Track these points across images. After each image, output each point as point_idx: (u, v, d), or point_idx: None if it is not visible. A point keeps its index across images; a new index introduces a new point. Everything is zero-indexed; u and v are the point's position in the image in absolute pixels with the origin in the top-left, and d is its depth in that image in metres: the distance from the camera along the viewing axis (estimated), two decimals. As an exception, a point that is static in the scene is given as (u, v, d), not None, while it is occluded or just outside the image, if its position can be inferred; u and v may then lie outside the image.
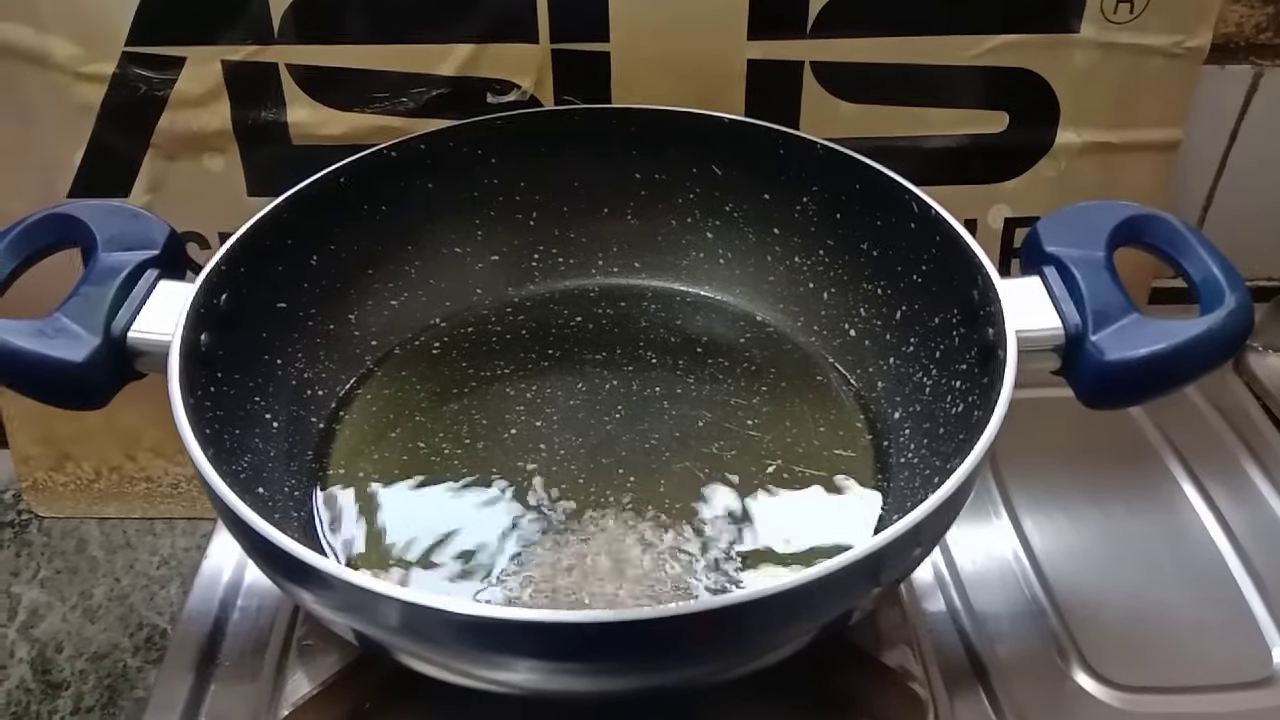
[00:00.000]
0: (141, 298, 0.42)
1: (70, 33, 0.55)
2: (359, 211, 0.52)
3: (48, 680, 0.62)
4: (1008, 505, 0.53)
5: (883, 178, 0.48)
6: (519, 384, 0.51)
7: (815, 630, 0.36)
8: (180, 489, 0.69)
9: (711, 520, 0.44)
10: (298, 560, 0.33)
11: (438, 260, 0.55)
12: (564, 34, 0.55)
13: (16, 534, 0.69)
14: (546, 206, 0.56)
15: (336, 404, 0.50)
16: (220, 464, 0.37)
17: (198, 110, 0.57)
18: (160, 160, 0.58)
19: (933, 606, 0.48)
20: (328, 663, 0.43)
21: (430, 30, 0.55)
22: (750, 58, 0.56)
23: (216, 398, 0.42)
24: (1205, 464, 0.55)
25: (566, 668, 0.34)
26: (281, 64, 0.56)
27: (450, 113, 0.56)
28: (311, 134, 0.58)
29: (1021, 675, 0.46)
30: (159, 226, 0.45)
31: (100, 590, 0.67)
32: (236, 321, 0.45)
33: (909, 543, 0.34)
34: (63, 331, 0.41)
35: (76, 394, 0.42)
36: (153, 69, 0.56)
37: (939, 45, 0.56)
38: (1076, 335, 0.40)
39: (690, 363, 0.52)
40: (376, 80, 0.56)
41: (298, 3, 0.54)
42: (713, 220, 0.55)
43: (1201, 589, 0.49)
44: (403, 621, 0.33)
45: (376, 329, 0.53)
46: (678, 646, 0.33)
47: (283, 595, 0.47)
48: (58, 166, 0.58)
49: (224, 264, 0.44)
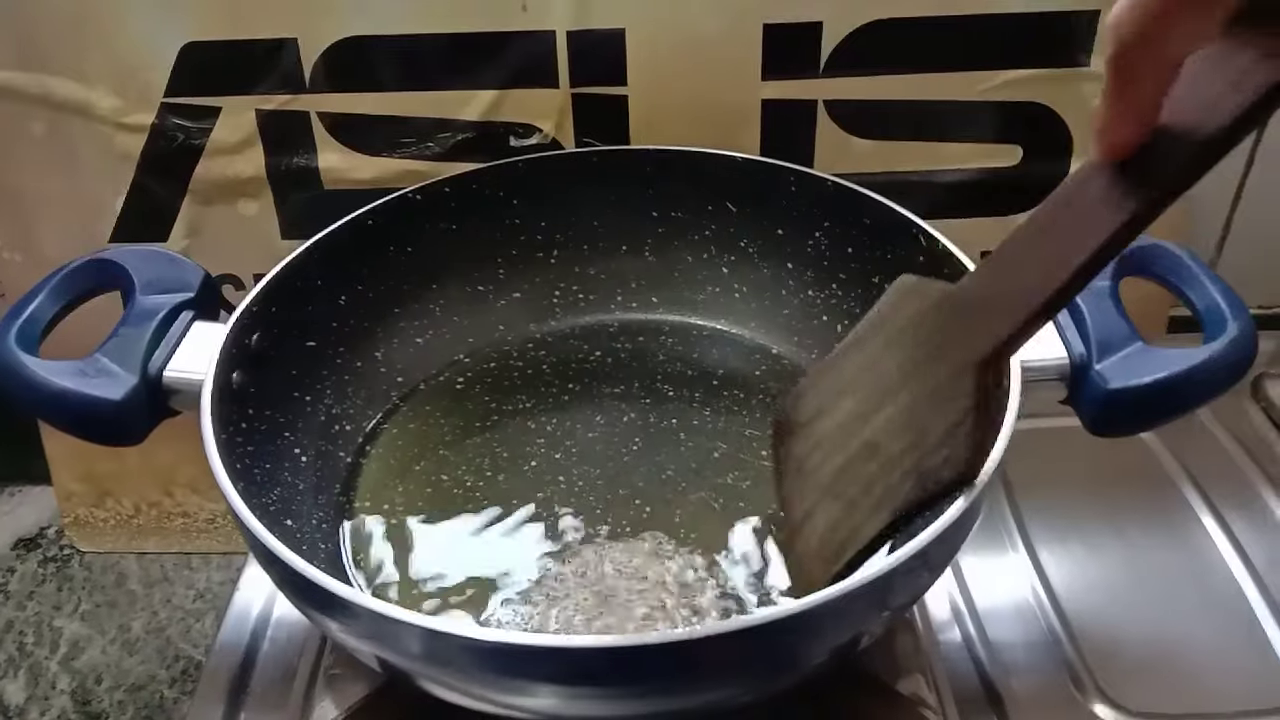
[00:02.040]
0: (177, 338, 0.44)
1: (112, 85, 0.57)
2: (386, 252, 0.53)
3: (87, 711, 0.63)
4: (1023, 534, 0.53)
5: (891, 213, 0.49)
6: (540, 417, 0.52)
7: (826, 654, 0.37)
8: (216, 524, 0.70)
9: (726, 549, 0.45)
10: (324, 590, 0.34)
11: (462, 298, 0.56)
12: (583, 79, 0.57)
13: (59, 568, 0.71)
14: (567, 245, 0.57)
15: (363, 439, 0.51)
16: (250, 497, 0.38)
17: (233, 158, 0.59)
18: (197, 206, 0.60)
19: (948, 636, 0.48)
20: (354, 690, 0.44)
21: (455, 78, 0.57)
22: (765, 98, 0.57)
23: (247, 434, 0.44)
24: (1222, 492, 0.55)
25: (584, 693, 0.35)
26: (313, 112, 0.58)
27: (474, 156, 0.58)
28: (342, 179, 0.59)
29: (1037, 704, 0.46)
30: (194, 270, 0.47)
31: (138, 623, 0.68)
32: (267, 360, 0.46)
33: (916, 567, 0.35)
34: (102, 371, 0.42)
35: (115, 431, 0.43)
36: (190, 119, 0.58)
37: (951, 81, 0.57)
38: (1081, 364, 0.41)
39: (706, 395, 0.53)
40: (403, 126, 0.58)
41: (328, 54, 0.56)
42: (728, 256, 0.56)
43: (1218, 617, 0.49)
44: (425, 649, 0.34)
45: (402, 366, 0.54)
46: (692, 671, 0.34)
47: (311, 626, 0.48)
48: (100, 212, 0.60)
49: (255, 305, 0.46)
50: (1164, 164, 0.26)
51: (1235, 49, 0.23)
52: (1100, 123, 0.25)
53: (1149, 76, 0.24)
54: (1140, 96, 0.25)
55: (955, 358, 0.32)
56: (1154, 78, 0.24)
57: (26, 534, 0.73)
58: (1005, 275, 0.31)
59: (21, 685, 0.64)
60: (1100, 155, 0.26)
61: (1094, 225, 0.27)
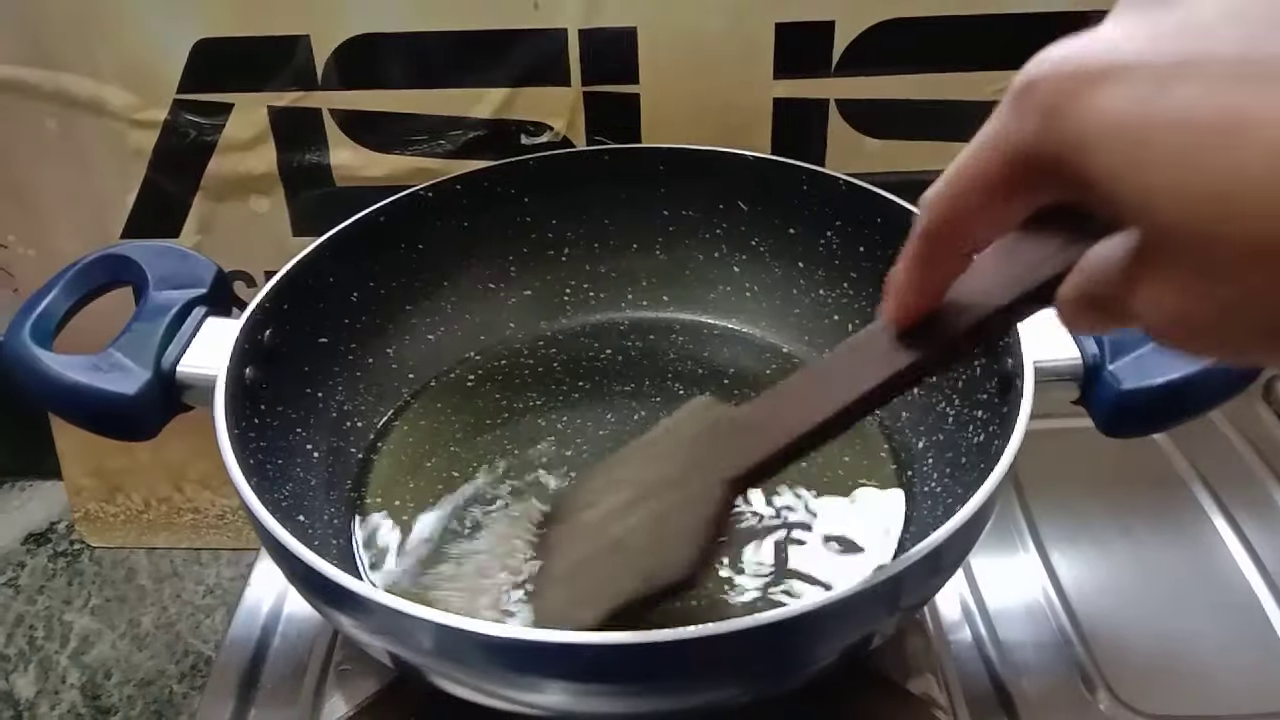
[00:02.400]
0: (190, 334, 0.44)
1: (125, 82, 0.57)
2: (397, 250, 0.53)
3: (97, 705, 0.64)
4: (1034, 535, 0.53)
5: (904, 212, 0.49)
6: (550, 415, 0.52)
7: (837, 653, 0.37)
8: (226, 520, 0.71)
9: (737, 548, 0.45)
10: (337, 585, 0.35)
11: (473, 296, 0.56)
12: (595, 77, 0.57)
13: (69, 563, 0.71)
14: (578, 243, 0.57)
15: (375, 435, 0.52)
16: (263, 492, 0.39)
17: (245, 154, 0.59)
18: (209, 202, 0.60)
19: (958, 636, 0.48)
20: (364, 686, 0.44)
21: (467, 75, 0.57)
22: (776, 96, 0.57)
23: (260, 429, 0.44)
24: (1233, 493, 0.55)
25: (594, 689, 0.35)
26: (325, 109, 0.58)
27: (486, 154, 0.58)
28: (353, 176, 0.60)
29: (1047, 704, 0.45)
30: (207, 266, 0.47)
31: (148, 618, 0.68)
32: (280, 356, 0.46)
33: (928, 567, 0.35)
34: (116, 366, 0.43)
35: (128, 426, 0.43)
36: (202, 115, 0.58)
37: (962, 81, 0.57)
38: (1094, 365, 0.41)
39: (717, 394, 0.52)
40: (415, 124, 0.58)
41: (340, 51, 0.56)
42: (739, 255, 0.56)
43: (1229, 618, 0.49)
44: (436, 644, 0.34)
45: (414, 363, 0.54)
46: (702, 668, 0.34)
47: (321, 622, 0.48)
48: (112, 208, 0.61)
49: (268, 301, 0.46)
50: (944, 331, 0.28)
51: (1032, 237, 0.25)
52: (893, 284, 0.28)
53: (947, 260, 0.27)
54: (934, 276, 0.27)
55: (713, 473, 0.34)
56: (951, 263, 0.27)
57: (37, 529, 0.73)
58: (781, 405, 0.34)
59: (32, 679, 0.65)
60: (887, 316, 0.29)
61: (867, 373, 0.30)
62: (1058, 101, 0.22)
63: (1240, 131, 0.19)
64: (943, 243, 0.26)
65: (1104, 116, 0.21)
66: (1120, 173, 0.21)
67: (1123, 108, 0.21)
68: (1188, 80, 0.20)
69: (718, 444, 0.35)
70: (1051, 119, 0.22)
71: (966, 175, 0.24)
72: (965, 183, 0.24)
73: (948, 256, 0.27)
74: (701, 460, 0.36)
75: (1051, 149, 0.22)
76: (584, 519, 0.40)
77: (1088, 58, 0.22)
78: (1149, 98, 0.20)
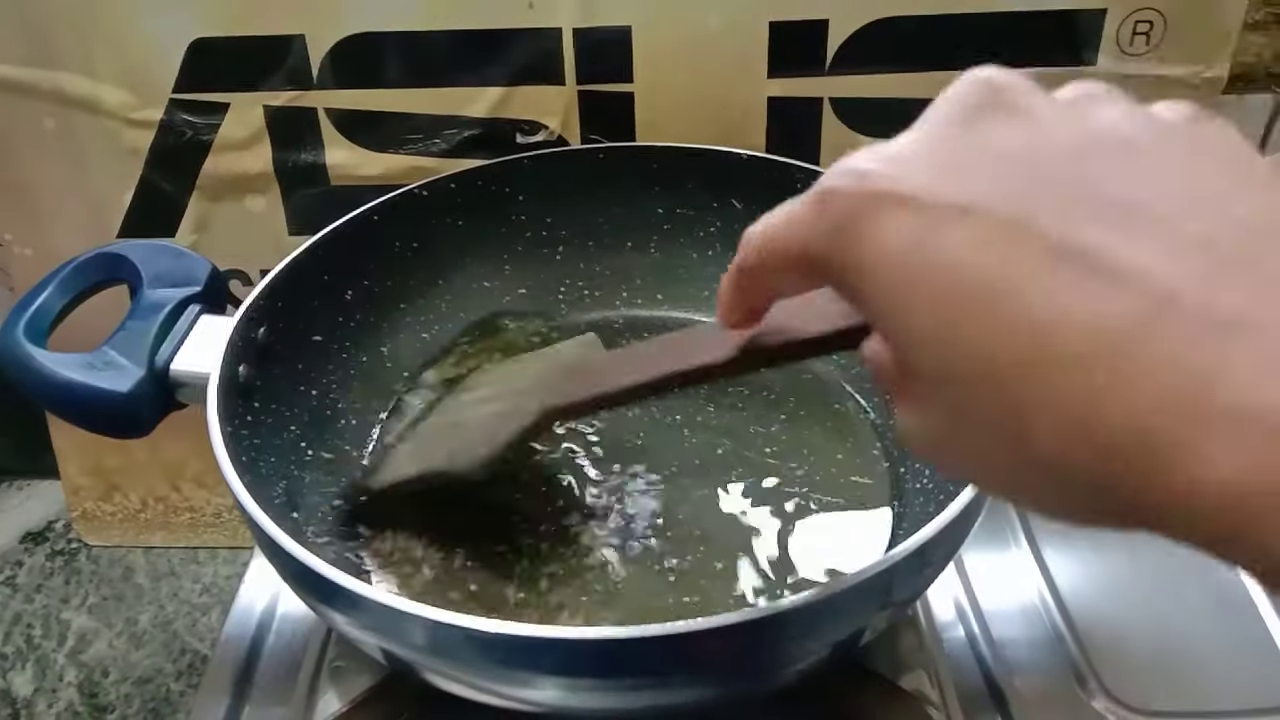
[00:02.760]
0: (184, 332, 0.44)
1: (121, 81, 0.57)
2: (392, 248, 0.54)
3: (94, 703, 0.64)
4: (1027, 532, 0.53)
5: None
6: (545, 413, 0.52)
7: (828, 648, 0.37)
8: (222, 519, 0.71)
9: (729, 546, 0.45)
10: (330, 582, 0.35)
11: (467, 294, 0.56)
12: (590, 76, 0.57)
13: (66, 562, 0.71)
14: (572, 241, 0.57)
15: (369, 433, 0.52)
16: (256, 490, 0.39)
17: (241, 153, 0.59)
18: (205, 201, 0.61)
19: (951, 633, 0.48)
20: (358, 683, 0.44)
21: (462, 74, 0.57)
22: (770, 95, 0.57)
23: (254, 427, 0.44)
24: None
25: (585, 684, 0.35)
26: (320, 108, 0.58)
27: (481, 153, 0.58)
28: (349, 175, 0.60)
29: (1040, 702, 0.46)
30: (201, 264, 0.47)
31: (145, 617, 0.68)
32: (274, 354, 0.47)
33: (918, 562, 0.35)
34: (110, 364, 0.43)
35: (122, 423, 0.44)
36: (198, 115, 0.58)
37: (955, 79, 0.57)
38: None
39: (710, 391, 0.53)
40: (410, 123, 0.59)
41: (336, 50, 0.56)
42: (733, 253, 0.56)
43: (1223, 615, 0.49)
44: (430, 640, 0.35)
45: (408, 361, 0.54)
46: (693, 663, 0.34)
47: (315, 620, 0.48)
48: (108, 207, 0.61)
49: (262, 299, 0.46)
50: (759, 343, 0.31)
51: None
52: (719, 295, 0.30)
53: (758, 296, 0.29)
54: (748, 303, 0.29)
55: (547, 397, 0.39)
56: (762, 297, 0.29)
57: (34, 527, 0.73)
58: (625, 360, 0.38)
59: (29, 677, 0.65)
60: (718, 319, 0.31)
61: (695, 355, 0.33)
62: (845, 222, 0.22)
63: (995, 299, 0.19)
64: (754, 282, 0.28)
65: (882, 247, 0.21)
66: (887, 309, 0.21)
67: (899, 243, 0.21)
68: (961, 227, 0.20)
69: (569, 375, 0.40)
70: (839, 236, 0.22)
71: (773, 241, 0.25)
72: (772, 246, 0.25)
73: (759, 293, 0.29)
74: (550, 384, 0.40)
75: (837, 261, 0.22)
76: (458, 398, 0.47)
77: (880, 180, 0.22)
78: (924, 239, 0.20)
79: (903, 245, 0.21)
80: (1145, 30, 0.55)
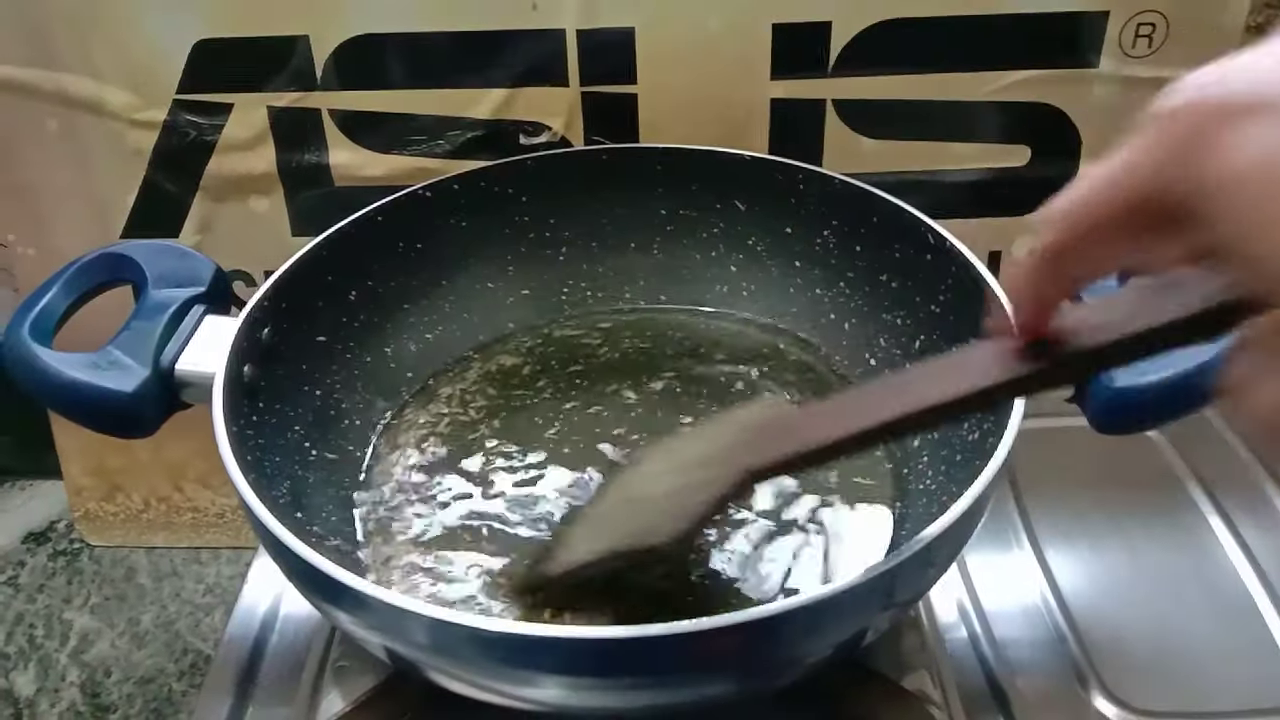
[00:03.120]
0: (189, 332, 0.44)
1: (125, 82, 0.57)
2: (396, 249, 0.54)
3: (97, 703, 0.64)
4: (1030, 533, 0.53)
5: (899, 211, 0.49)
6: (547, 413, 0.52)
7: (831, 648, 0.37)
8: (225, 519, 0.71)
9: (734, 547, 0.45)
10: (334, 581, 0.35)
11: (471, 295, 0.56)
12: (593, 77, 0.57)
13: (69, 562, 0.71)
14: (575, 242, 0.58)
15: (372, 433, 0.52)
16: (261, 489, 0.39)
17: (244, 154, 0.59)
18: (209, 202, 0.61)
19: (954, 633, 0.48)
20: (361, 682, 0.44)
21: (465, 76, 0.57)
22: (773, 97, 0.58)
23: (258, 426, 0.44)
24: (1229, 491, 0.55)
25: (588, 683, 0.35)
26: (324, 109, 0.58)
27: (484, 154, 0.58)
28: (352, 176, 0.60)
29: (1042, 702, 0.46)
30: (206, 264, 0.47)
31: (148, 617, 0.68)
32: (278, 354, 0.47)
33: (921, 562, 0.35)
34: (115, 364, 0.43)
35: (126, 423, 0.44)
36: (202, 116, 0.58)
37: (959, 81, 0.57)
38: (1087, 363, 0.41)
39: (713, 392, 0.53)
40: (414, 124, 0.59)
41: (339, 51, 0.57)
42: (736, 254, 0.57)
43: (1225, 616, 0.49)
44: (433, 639, 0.35)
45: (412, 361, 0.54)
46: (696, 662, 0.34)
47: (319, 619, 0.48)
48: (112, 208, 0.61)
49: (266, 300, 0.46)
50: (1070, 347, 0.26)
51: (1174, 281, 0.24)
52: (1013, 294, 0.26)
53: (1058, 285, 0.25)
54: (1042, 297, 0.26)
55: (739, 461, 0.36)
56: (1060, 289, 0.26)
57: (37, 528, 0.74)
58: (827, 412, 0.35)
59: (32, 677, 0.65)
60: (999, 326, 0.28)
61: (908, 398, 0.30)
62: (1194, 138, 0.20)
63: None
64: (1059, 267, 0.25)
65: (1240, 160, 0.19)
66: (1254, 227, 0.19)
67: (1260, 154, 0.18)
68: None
69: (758, 437, 0.36)
70: (1188, 156, 0.20)
71: (1092, 201, 0.23)
72: (1092, 208, 0.23)
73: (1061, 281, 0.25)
74: (736, 449, 0.37)
75: (1184, 187, 0.20)
76: (626, 475, 0.43)
77: (1234, 90, 0.19)
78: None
79: (1265, 156, 0.18)
80: (1148, 33, 0.55)
